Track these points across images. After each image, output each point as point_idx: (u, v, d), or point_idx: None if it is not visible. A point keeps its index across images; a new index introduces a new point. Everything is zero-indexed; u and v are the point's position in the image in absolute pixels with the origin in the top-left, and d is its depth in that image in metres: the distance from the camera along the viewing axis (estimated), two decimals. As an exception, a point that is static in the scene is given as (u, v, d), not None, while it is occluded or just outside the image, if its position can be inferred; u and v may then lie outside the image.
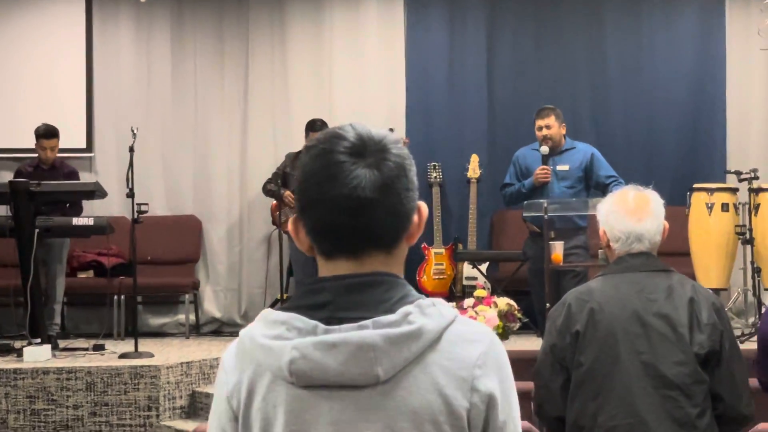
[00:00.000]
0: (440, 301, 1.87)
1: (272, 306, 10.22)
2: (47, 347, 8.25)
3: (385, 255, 1.88)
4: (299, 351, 1.78)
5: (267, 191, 10.14)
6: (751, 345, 7.36)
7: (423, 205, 1.92)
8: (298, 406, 1.82)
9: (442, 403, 1.80)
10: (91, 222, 8.65)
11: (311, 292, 1.87)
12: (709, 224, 8.75)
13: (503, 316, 7.84)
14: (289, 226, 1.93)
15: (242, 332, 1.90)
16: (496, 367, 1.85)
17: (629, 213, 3.94)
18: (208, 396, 7.91)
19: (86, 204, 9.65)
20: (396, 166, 1.86)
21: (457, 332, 1.84)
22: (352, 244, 1.86)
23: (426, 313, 1.82)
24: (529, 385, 4.03)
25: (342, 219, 1.84)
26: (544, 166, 8.50)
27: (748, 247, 8.70)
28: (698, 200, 8.82)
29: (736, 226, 8.69)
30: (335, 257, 1.88)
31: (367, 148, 1.86)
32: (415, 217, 1.91)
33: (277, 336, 1.82)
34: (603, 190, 8.28)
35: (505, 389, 1.86)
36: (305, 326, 1.80)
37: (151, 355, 8.26)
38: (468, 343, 1.84)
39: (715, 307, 3.88)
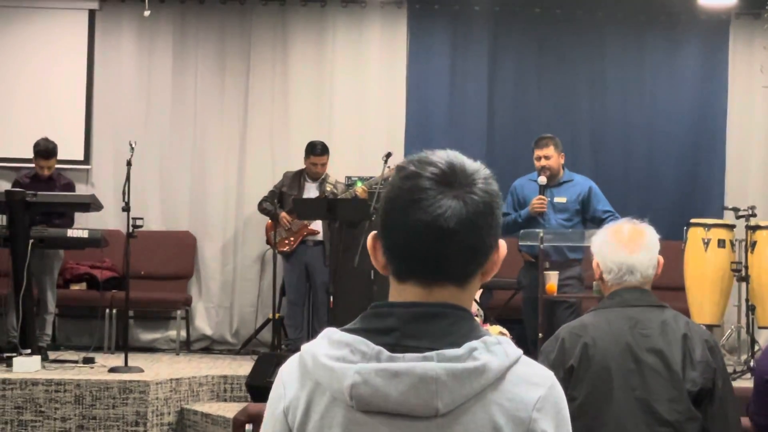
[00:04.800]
0: (506, 340, 1.85)
1: (263, 326, 10.25)
2: (37, 358, 8.23)
3: (455, 287, 1.86)
4: (362, 376, 1.78)
5: (262, 209, 10.08)
6: (743, 383, 7.37)
7: (503, 244, 1.90)
8: (355, 429, 1.81)
9: None
10: (85, 234, 8.65)
11: (378, 316, 1.85)
12: (705, 260, 8.73)
13: (495, 344, 7.80)
14: (368, 242, 1.91)
15: (304, 348, 1.89)
16: (554, 411, 1.85)
17: (622, 244, 3.92)
18: (197, 413, 7.89)
19: (81, 216, 9.62)
20: (483, 202, 1.84)
21: (520, 373, 1.84)
22: (425, 272, 1.85)
23: (491, 350, 1.81)
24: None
25: (419, 246, 1.83)
26: (541, 196, 8.46)
27: (743, 284, 8.69)
28: (695, 235, 8.80)
29: (732, 262, 8.67)
30: (406, 281, 1.87)
31: (457, 179, 1.84)
32: (494, 255, 1.89)
33: (340, 357, 1.81)
34: (599, 224, 8.19)
35: None
36: (369, 351, 1.79)
37: (141, 371, 8.24)
38: (529, 385, 1.84)
39: (708, 344, 3.86)
